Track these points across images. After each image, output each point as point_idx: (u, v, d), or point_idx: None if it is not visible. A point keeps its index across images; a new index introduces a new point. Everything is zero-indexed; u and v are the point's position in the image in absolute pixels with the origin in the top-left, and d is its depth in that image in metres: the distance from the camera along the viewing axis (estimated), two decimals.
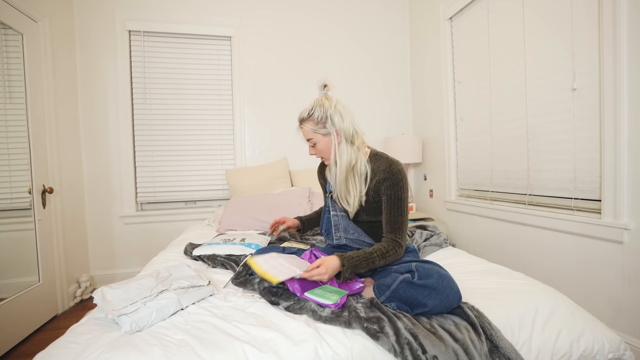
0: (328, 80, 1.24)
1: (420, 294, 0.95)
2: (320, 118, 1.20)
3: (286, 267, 1.07)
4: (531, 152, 1.94)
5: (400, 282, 0.99)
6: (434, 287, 0.94)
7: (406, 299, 0.97)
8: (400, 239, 1.17)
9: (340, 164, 1.20)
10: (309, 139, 1.24)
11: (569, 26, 1.67)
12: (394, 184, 1.18)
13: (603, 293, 1.57)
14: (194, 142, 2.82)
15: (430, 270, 0.99)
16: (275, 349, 0.83)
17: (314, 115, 1.20)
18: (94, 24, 2.60)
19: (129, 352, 0.80)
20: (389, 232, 1.19)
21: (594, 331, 1.00)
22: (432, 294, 0.94)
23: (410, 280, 0.98)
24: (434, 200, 2.90)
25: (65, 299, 2.30)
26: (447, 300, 0.94)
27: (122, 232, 2.70)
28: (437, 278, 0.96)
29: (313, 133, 1.21)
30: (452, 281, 0.97)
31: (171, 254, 1.70)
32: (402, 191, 1.18)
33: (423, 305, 0.94)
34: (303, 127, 1.24)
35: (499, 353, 0.88)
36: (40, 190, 2.08)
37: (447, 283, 0.96)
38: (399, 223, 1.18)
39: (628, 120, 1.44)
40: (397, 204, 1.18)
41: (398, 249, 1.16)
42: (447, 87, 2.64)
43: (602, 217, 1.55)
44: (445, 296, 0.94)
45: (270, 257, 1.13)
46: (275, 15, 2.91)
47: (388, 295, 1.00)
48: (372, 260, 1.12)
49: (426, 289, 0.95)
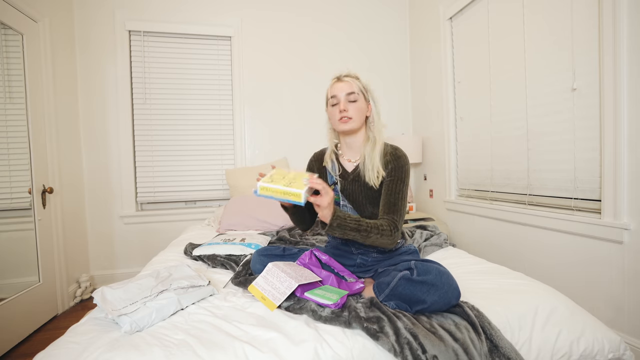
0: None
1: (419, 290, 0.95)
2: (365, 84, 1.24)
3: (284, 280, 1.05)
4: (531, 152, 1.94)
5: (400, 279, 0.99)
6: (432, 283, 0.95)
7: (405, 296, 0.97)
8: (398, 221, 1.14)
9: (380, 133, 1.24)
10: (352, 93, 1.19)
11: (569, 26, 1.67)
12: (399, 167, 1.19)
13: (603, 293, 1.57)
14: (194, 142, 2.82)
15: (429, 267, 1.00)
16: (275, 349, 0.83)
17: (361, 79, 1.24)
18: (94, 24, 2.60)
19: (129, 352, 0.80)
20: (387, 213, 1.15)
21: (594, 331, 1.00)
22: (430, 290, 0.95)
23: (409, 277, 0.98)
24: (434, 200, 2.90)
25: (65, 299, 2.30)
26: (446, 297, 0.94)
27: (122, 232, 2.70)
28: (435, 274, 0.97)
29: (359, 91, 1.21)
30: (450, 277, 0.98)
31: (171, 254, 1.70)
32: (405, 175, 1.19)
33: (422, 302, 0.95)
34: (351, 80, 1.21)
35: (498, 353, 0.88)
36: (40, 190, 2.08)
37: (445, 279, 0.96)
38: (398, 206, 1.16)
39: (628, 120, 1.44)
40: (399, 186, 1.17)
41: (394, 231, 1.12)
42: (447, 87, 2.64)
43: (602, 217, 1.55)
44: (444, 292, 0.94)
45: (268, 272, 1.10)
46: (275, 15, 2.91)
47: (387, 293, 1.01)
48: (363, 227, 1.07)
49: (425, 285, 0.95)
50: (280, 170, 1.04)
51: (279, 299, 1.01)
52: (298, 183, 0.94)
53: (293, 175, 1.00)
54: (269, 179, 0.97)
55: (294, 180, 0.96)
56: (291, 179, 0.96)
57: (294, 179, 0.96)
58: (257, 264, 1.31)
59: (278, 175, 1.01)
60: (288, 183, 0.94)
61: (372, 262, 1.29)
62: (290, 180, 0.96)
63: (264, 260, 1.29)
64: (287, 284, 1.03)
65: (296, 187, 0.91)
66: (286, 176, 0.99)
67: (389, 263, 1.24)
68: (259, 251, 1.36)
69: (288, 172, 1.03)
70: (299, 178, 0.98)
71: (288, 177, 0.98)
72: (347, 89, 1.19)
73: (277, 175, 1.00)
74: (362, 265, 1.30)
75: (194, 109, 2.81)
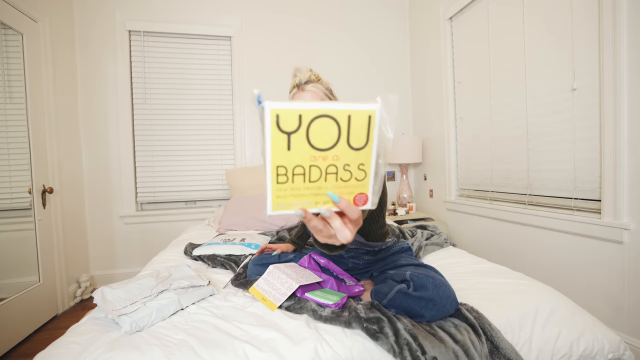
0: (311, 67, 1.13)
1: (417, 305, 0.93)
2: (327, 86, 1.08)
3: (285, 281, 1.05)
4: (531, 152, 1.94)
5: (397, 292, 0.97)
6: (430, 298, 0.92)
7: (404, 309, 0.95)
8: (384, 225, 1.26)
9: None
10: None
11: (569, 26, 1.67)
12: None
13: (603, 293, 1.57)
14: (194, 142, 2.82)
15: (425, 280, 0.95)
16: (276, 348, 0.83)
17: (323, 81, 1.07)
18: (94, 24, 2.60)
19: (129, 352, 0.80)
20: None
21: (593, 331, 1.00)
22: (429, 305, 0.92)
23: (405, 291, 0.95)
24: (434, 200, 2.90)
25: (65, 299, 2.30)
26: (444, 310, 0.93)
27: (122, 232, 2.70)
28: (432, 289, 0.93)
29: (325, 95, 1.06)
30: (448, 289, 0.95)
31: (171, 254, 1.70)
32: (384, 195, 1.22)
33: (420, 316, 0.93)
34: (314, 88, 1.04)
35: (499, 354, 0.88)
36: (40, 190, 2.08)
37: (443, 292, 0.93)
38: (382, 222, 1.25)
39: (628, 120, 1.44)
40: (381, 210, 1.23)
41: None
42: (447, 87, 2.64)
43: (602, 217, 1.55)
44: (442, 306, 0.92)
45: (269, 274, 1.11)
46: (275, 15, 2.91)
47: (385, 304, 0.99)
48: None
49: (422, 300, 0.92)
50: None
51: (279, 300, 1.01)
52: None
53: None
54: None
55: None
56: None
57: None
58: (253, 274, 1.29)
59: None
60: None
61: (364, 265, 1.26)
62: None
63: (260, 270, 1.26)
64: (287, 284, 1.03)
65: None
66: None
67: (383, 265, 1.21)
68: (254, 261, 1.33)
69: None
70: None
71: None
72: (314, 99, 1.04)
73: None
74: (354, 269, 1.28)
75: (194, 109, 2.81)
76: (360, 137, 0.45)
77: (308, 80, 1.05)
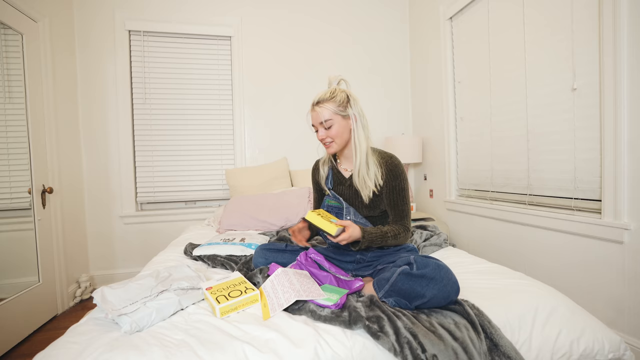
0: (344, 77, 1.32)
1: (419, 285, 0.96)
2: (342, 100, 1.24)
3: (286, 291, 1.04)
4: (531, 152, 1.94)
5: (399, 274, 1.00)
6: (431, 276, 0.96)
7: (405, 291, 0.98)
8: (408, 223, 1.29)
9: (360, 146, 1.25)
10: (326, 120, 1.23)
11: (569, 26, 1.67)
12: (396, 176, 1.26)
13: (603, 293, 1.57)
14: (194, 142, 2.82)
15: (428, 261, 1.01)
16: (275, 349, 0.83)
17: (336, 98, 1.24)
18: (94, 24, 2.60)
19: (128, 352, 0.80)
20: (398, 220, 1.28)
21: (594, 331, 1.00)
22: (430, 283, 0.95)
23: (408, 271, 0.99)
24: (434, 200, 2.90)
25: (65, 299, 2.30)
26: (445, 290, 0.95)
27: (122, 232, 2.70)
28: (434, 267, 0.98)
29: (333, 114, 1.23)
30: (449, 272, 0.99)
31: (171, 254, 1.70)
32: (403, 182, 1.27)
33: (421, 296, 0.95)
34: (321, 108, 1.24)
35: (498, 352, 0.88)
36: (40, 190, 2.08)
37: (444, 273, 0.97)
38: (405, 211, 1.28)
39: (628, 120, 1.44)
40: (401, 194, 1.27)
41: (407, 233, 1.28)
42: (447, 87, 2.64)
43: (603, 217, 1.55)
44: (443, 286, 0.95)
45: (276, 277, 1.12)
46: (275, 15, 2.91)
47: (387, 289, 1.01)
48: (386, 238, 1.22)
49: (424, 278, 0.96)
50: (324, 212, 1.26)
51: (274, 310, 1.00)
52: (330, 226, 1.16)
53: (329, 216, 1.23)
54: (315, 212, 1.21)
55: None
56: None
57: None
58: (259, 258, 1.37)
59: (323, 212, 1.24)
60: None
61: (371, 258, 1.30)
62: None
63: (266, 254, 1.36)
64: (287, 296, 1.03)
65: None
66: (325, 215, 1.23)
67: (388, 260, 1.25)
68: (261, 245, 1.42)
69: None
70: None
71: (327, 216, 1.23)
72: (320, 119, 1.24)
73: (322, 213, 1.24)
74: (362, 261, 1.31)
75: (194, 109, 2.81)
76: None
77: (319, 101, 1.24)
